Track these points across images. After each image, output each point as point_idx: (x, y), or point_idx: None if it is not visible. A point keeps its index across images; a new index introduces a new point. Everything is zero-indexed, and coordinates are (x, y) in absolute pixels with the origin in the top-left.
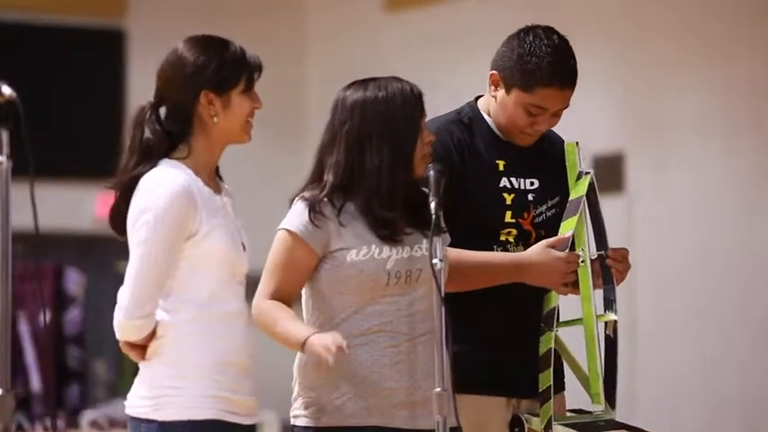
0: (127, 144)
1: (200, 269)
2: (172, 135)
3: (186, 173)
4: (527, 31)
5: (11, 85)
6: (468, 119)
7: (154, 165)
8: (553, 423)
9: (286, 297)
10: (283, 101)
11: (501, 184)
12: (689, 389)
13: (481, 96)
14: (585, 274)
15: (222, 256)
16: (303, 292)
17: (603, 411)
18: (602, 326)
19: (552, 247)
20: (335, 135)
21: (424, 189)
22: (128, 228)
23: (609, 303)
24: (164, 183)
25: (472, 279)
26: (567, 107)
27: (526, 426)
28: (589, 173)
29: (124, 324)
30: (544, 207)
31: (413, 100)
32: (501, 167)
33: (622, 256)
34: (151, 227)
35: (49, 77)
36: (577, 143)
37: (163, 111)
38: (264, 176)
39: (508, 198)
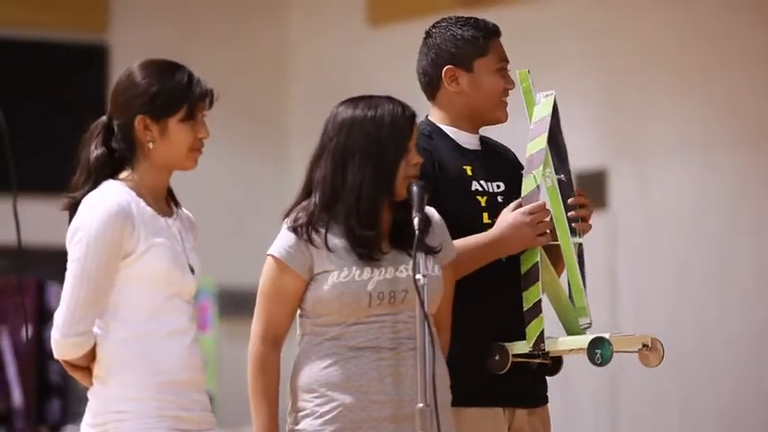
0: (80, 162)
1: (139, 287)
2: (118, 154)
3: (128, 193)
4: (434, 27)
5: None
6: (427, 132)
7: (96, 185)
8: (545, 337)
9: (278, 329)
10: (266, 114)
11: (473, 188)
12: (670, 401)
13: (427, 115)
14: (555, 195)
15: (162, 275)
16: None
17: (590, 325)
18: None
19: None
20: (323, 150)
21: (410, 203)
22: (66, 246)
23: (571, 229)
24: (100, 203)
25: (458, 267)
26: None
27: (510, 352)
28: (552, 93)
29: (60, 342)
30: None
31: (402, 121)
32: (469, 172)
33: (586, 202)
34: (84, 245)
35: (32, 92)
36: (529, 71)
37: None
38: (247, 189)
39: (482, 200)
